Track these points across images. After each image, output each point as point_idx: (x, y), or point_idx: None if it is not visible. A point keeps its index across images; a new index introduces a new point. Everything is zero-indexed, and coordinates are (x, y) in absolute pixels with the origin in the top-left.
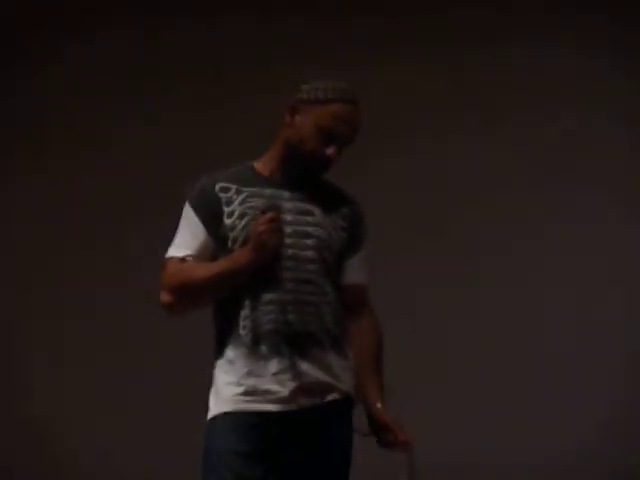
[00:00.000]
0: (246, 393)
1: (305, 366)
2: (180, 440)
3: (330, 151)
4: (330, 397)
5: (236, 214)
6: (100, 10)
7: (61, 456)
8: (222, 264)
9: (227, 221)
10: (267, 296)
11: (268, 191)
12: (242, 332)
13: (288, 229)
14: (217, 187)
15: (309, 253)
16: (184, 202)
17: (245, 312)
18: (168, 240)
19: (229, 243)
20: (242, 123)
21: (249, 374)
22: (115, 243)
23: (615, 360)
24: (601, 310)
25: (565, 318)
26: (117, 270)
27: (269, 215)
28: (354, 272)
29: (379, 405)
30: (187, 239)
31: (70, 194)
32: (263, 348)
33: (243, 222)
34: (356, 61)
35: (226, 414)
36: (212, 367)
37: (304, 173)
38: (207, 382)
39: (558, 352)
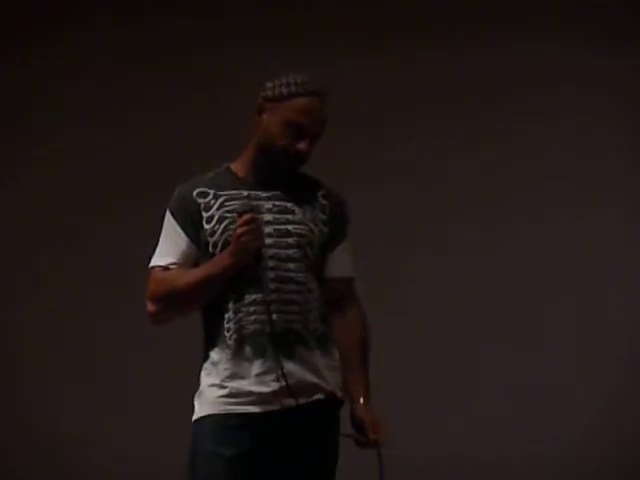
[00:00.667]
0: (229, 395)
1: (290, 366)
2: (181, 441)
3: (301, 146)
4: (315, 397)
5: (215, 219)
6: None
7: (61, 456)
8: (204, 270)
9: (207, 226)
10: (250, 297)
11: (246, 193)
12: (227, 334)
13: (268, 229)
14: (195, 193)
15: (291, 251)
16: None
17: (229, 314)
18: None
19: (210, 248)
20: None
21: (232, 376)
22: (116, 243)
23: (614, 360)
24: (601, 310)
25: (565, 318)
26: (118, 270)
27: (246, 217)
28: (338, 265)
29: (361, 402)
30: (169, 247)
31: (70, 193)
32: (247, 350)
33: (222, 226)
34: (352, 56)
35: (210, 416)
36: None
37: (279, 171)
38: None
39: (557, 353)
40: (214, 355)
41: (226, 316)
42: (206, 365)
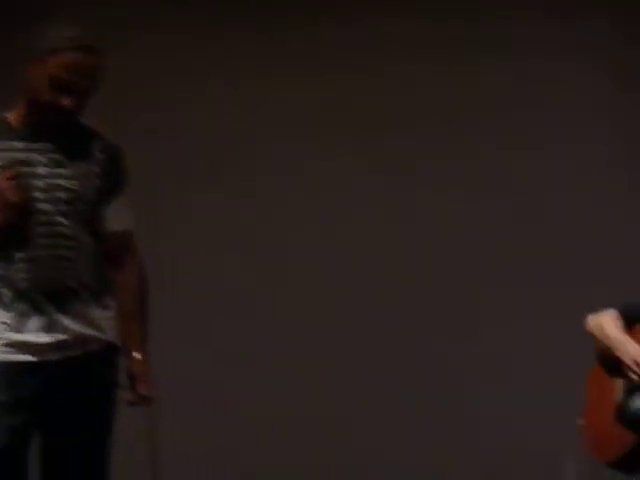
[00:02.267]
0: (6, 345)
1: (66, 321)
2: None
3: (66, 102)
4: (90, 348)
5: None
6: None
7: None
8: None
9: None
10: (20, 254)
11: (20, 144)
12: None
13: (40, 183)
14: None
15: (62, 207)
16: None
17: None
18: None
19: None
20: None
21: (9, 329)
22: None
23: None
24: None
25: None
26: None
27: (8, 172)
28: (116, 218)
29: (135, 355)
30: None
31: None
32: (22, 306)
33: None
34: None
35: None
36: None
37: (48, 125)
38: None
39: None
40: None
41: None
42: None
